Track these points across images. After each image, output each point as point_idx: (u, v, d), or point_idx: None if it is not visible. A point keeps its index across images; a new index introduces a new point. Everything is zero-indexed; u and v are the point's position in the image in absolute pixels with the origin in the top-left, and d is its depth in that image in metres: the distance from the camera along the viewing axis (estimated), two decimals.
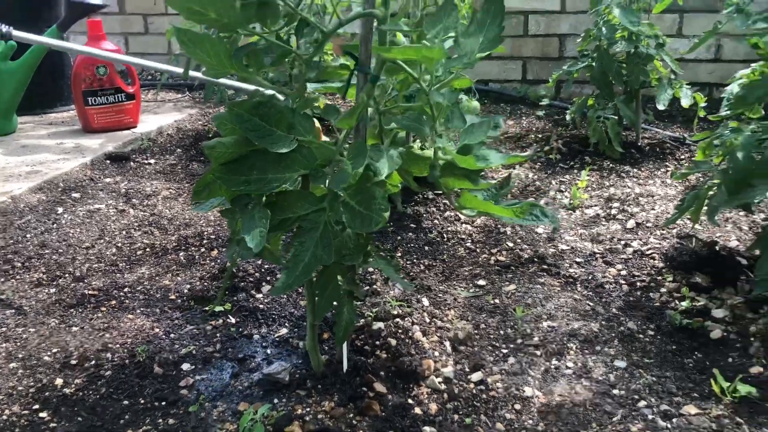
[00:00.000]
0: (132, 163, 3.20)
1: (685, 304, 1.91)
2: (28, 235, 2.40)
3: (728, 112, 1.92)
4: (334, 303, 1.51)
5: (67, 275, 2.13)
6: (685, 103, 3.04)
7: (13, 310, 1.93)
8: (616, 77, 3.09)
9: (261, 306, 1.92)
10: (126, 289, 2.04)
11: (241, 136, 1.37)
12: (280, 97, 1.42)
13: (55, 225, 2.50)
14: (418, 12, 1.76)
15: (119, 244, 2.35)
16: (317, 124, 1.44)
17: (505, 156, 1.44)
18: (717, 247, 2.18)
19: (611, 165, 3.07)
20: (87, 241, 2.38)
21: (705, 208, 2.00)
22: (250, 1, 1.30)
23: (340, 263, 1.46)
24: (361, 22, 1.41)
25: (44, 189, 2.81)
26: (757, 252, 1.98)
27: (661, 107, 3.07)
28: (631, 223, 2.46)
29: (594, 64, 3.14)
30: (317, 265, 1.36)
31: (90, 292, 2.01)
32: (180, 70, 3.58)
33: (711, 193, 2.00)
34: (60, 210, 2.64)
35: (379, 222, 1.28)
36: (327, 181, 1.37)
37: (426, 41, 1.42)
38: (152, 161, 3.24)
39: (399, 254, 2.25)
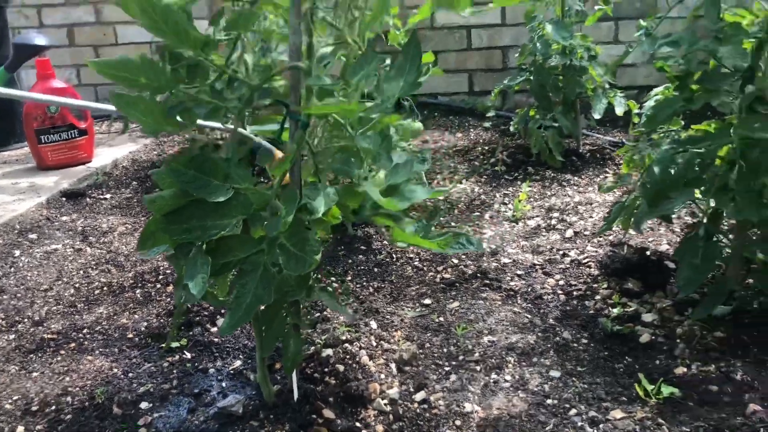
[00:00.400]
0: (88, 199, 3.25)
1: (616, 310, 2.04)
2: None
3: (645, 121, 2.05)
4: (280, 337, 1.60)
5: (26, 320, 2.19)
6: (619, 111, 3.19)
7: None
8: (553, 89, 3.22)
9: (216, 340, 2.00)
10: (85, 331, 2.10)
11: (178, 188, 1.46)
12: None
13: (12, 269, 2.55)
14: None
15: (77, 285, 2.41)
16: (276, 151, 1.53)
17: (429, 191, 1.55)
18: (647, 253, 2.31)
19: (553, 174, 3.20)
20: (45, 283, 2.43)
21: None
22: (180, 65, 1.38)
23: (283, 299, 1.56)
24: (290, 72, 1.50)
25: (0, 233, 2.85)
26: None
27: (597, 116, 3.21)
28: (569, 233, 2.59)
29: (532, 77, 3.27)
30: (259, 304, 1.45)
31: (49, 336, 2.07)
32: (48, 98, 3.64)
33: (638, 202, 2.13)
34: (17, 253, 2.68)
35: (312, 264, 1.37)
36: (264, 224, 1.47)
37: (348, 89, 1.52)
38: (108, 196, 3.29)
39: (349, 277, 2.34)
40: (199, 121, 2.93)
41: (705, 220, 1.95)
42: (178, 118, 1.46)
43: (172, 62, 1.37)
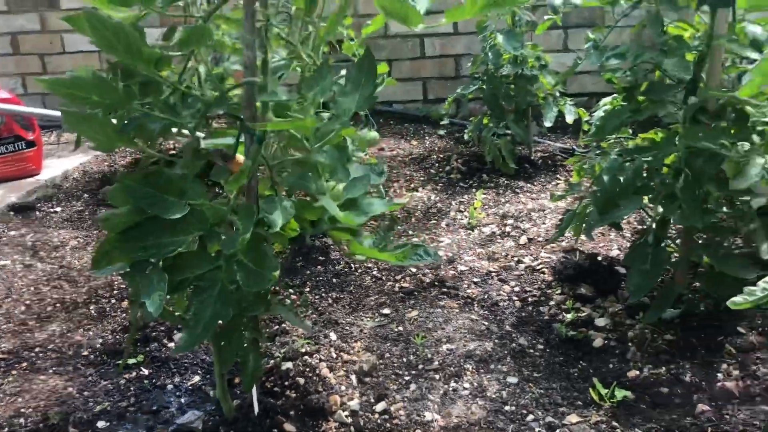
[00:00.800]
0: (38, 213, 3.18)
1: (570, 316, 2.08)
2: None
3: (594, 131, 2.11)
4: (239, 353, 1.59)
5: None
6: (569, 119, 3.26)
7: None
8: (505, 98, 3.28)
9: (173, 355, 1.98)
10: (37, 349, 2.06)
11: (135, 205, 1.44)
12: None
13: None
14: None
15: (28, 302, 2.35)
16: (238, 157, 1.52)
17: (387, 203, 1.57)
18: (599, 258, 2.37)
19: (506, 182, 3.26)
20: None
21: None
22: (133, 81, 1.37)
23: (241, 315, 1.55)
24: (245, 87, 1.50)
25: None
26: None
27: (548, 124, 3.28)
28: (523, 239, 2.64)
29: (485, 86, 3.32)
30: (217, 321, 1.45)
31: (0, 356, 2.02)
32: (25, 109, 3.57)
33: (588, 210, 2.18)
34: None
35: (272, 279, 1.37)
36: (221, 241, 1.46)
37: (304, 103, 1.53)
38: (59, 209, 3.22)
39: (308, 289, 2.34)
40: None
41: (654, 227, 2.01)
42: (132, 135, 1.45)
43: (124, 79, 1.36)
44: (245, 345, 1.60)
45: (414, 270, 2.45)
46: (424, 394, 1.76)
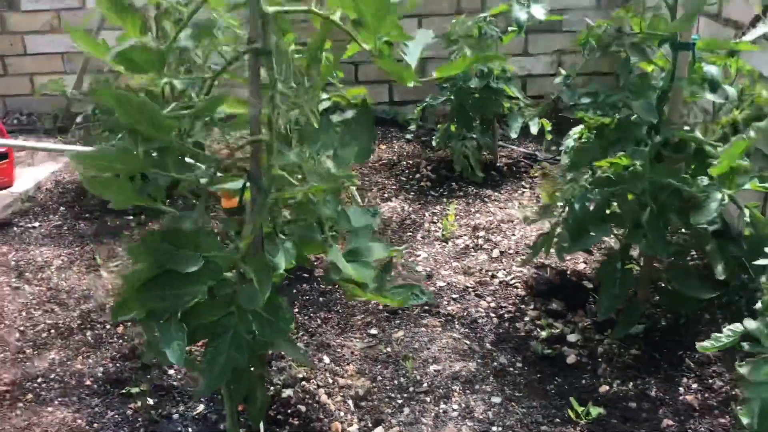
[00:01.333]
0: (16, 228, 3.20)
1: (544, 333, 2.25)
2: None
3: (567, 164, 2.26)
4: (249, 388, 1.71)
5: None
6: (534, 130, 3.43)
7: None
8: (473, 109, 3.42)
9: (175, 383, 2.08)
10: (39, 380, 2.13)
11: (153, 262, 1.54)
12: None
13: None
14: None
15: (21, 328, 2.41)
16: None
17: (388, 248, 1.70)
18: (568, 273, 2.55)
19: (475, 190, 3.41)
20: None
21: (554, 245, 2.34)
22: (152, 147, 1.46)
23: (252, 356, 1.67)
24: (252, 145, 1.60)
25: None
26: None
27: (513, 135, 3.45)
28: (495, 253, 2.80)
29: (453, 97, 3.45)
30: (232, 366, 1.56)
31: (3, 387, 2.09)
32: (62, 147, 3.61)
33: (558, 231, 2.34)
34: None
35: (287, 330, 1.49)
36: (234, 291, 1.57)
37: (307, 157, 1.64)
38: (36, 224, 3.25)
39: (296, 309, 2.46)
40: None
41: (620, 251, 2.18)
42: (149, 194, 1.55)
43: (144, 144, 1.45)
44: (254, 381, 1.72)
45: None
46: (418, 418, 1.91)
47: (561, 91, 2.16)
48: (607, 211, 2.16)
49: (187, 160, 1.56)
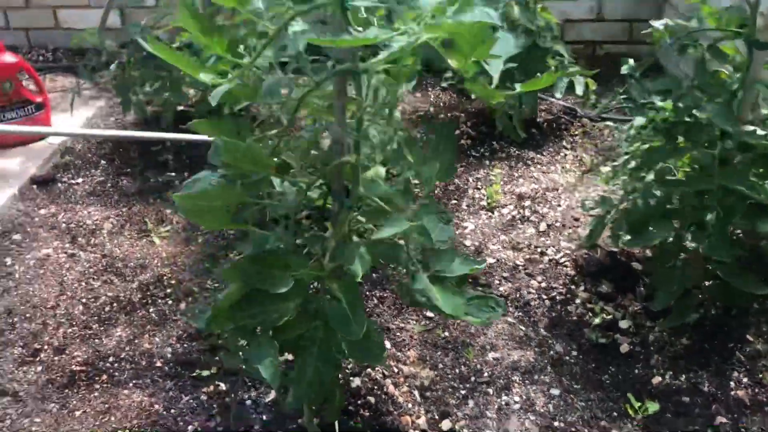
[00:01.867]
0: (60, 185, 3.21)
1: (597, 320, 2.32)
2: None
3: (627, 156, 2.27)
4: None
5: (46, 347, 2.26)
6: (579, 90, 3.38)
7: (10, 398, 2.08)
8: (518, 69, 3.35)
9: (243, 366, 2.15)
10: (111, 359, 2.21)
11: (244, 282, 1.58)
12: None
13: (11, 282, 2.56)
14: None
15: (83, 300, 2.47)
16: None
17: (468, 265, 1.72)
18: (618, 255, 2.59)
19: (517, 152, 3.40)
20: (50, 299, 2.48)
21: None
22: (249, 181, 1.47)
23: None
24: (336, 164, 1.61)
25: None
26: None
27: (558, 95, 3.40)
28: (543, 226, 2.83)
29: None
30: (319, 379, 1.63)
31: (78, 367, 2.17)
32: (102, 132, 3.56)
33: (614, 216, 2.36)
34: (9, 261, 2.69)
35: (381, 358, 1.55)
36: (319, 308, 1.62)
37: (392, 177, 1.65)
38: (80, 180, 3.26)
39: None
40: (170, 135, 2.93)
41: (677, 248, 2.21)
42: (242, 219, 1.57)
43: (242, 178, 1.46)
44: (334, 384, 1.80)
45: None
46: (483, 411, 2.00)
47: (630, 84, 2.13)
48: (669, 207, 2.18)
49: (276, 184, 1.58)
